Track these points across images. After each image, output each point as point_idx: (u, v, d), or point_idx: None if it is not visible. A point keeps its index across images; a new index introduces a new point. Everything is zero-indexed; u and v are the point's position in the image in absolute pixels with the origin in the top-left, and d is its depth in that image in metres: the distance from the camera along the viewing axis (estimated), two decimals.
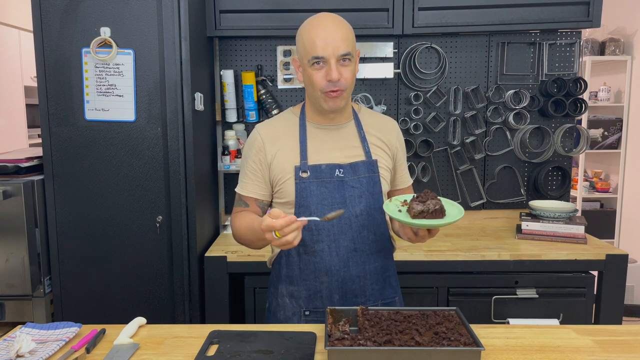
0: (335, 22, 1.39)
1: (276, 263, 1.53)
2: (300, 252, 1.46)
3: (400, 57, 2.57)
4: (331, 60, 1.36)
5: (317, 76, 1.39)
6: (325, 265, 1.45)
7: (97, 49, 2.03)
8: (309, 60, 1.38)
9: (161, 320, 2.12)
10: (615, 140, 4.38)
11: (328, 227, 1.44)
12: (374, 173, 1.48)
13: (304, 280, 1.47)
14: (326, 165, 1.45)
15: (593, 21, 2.37)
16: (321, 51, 1.36)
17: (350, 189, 1.45)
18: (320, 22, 1.40)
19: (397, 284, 1.57)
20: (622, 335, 1.33)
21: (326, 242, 1.44)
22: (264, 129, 1.51)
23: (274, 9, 2.36)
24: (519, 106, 2.57)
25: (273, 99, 2.58)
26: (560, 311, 2.17)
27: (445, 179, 2.66)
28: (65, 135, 2.07)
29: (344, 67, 1.38)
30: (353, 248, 1.45)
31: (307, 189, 1.43)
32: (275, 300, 1.52)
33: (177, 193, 2.11)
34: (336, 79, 1.37)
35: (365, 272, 1.47)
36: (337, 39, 1.36)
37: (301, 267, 1.47)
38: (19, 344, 1.20)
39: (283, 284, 1.50)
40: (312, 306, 1.48)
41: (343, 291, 1.47)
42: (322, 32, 1.37)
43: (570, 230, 2.31)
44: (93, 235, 2.12)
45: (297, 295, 1.48)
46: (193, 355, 1.23)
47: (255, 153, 1.48)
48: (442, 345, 1.15)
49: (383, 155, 1.52)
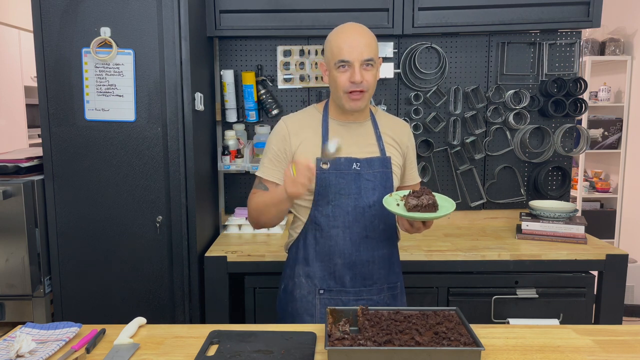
0: (361, 31, 1.55)
1: (293, 246, 1.67)
2: (316, 236, 1.60)
3: (400, 57, 2.57)
4: (355, 63, 1.50)
5: (341, 78, 1.53)
6: (339, 248, 1.59)
7: (97, 49, 2.03)
8: (335, 63, 1.53)
9: (161, 320, 2.12)
10: (615, 140, 4.38)
11: (343, 215, 1.58)
12: (387, 169, 1.62)
13: (320, 261, 1.61)
14: (345, 159, 1.58)
15: (593, 21, 2.37)
16: (347, 55, 1.50)
17: (365, 182, 1.59)
18: (347, 29, 1.55)
19: (399, 270, 1.71)
20: (622, 335, 1.33)
21: (341, 227, 1.58)
22: (290, 121, 1.64)
23: (274, 9, 2.36)
24: (519, 106, 2.57)
25: (273, 99, 2.58)
26: (560, 311, 2.17)
27: (445, 179, 2.66)
28: (65, 135, 2.07)
29: (366, 71, 1.52)
30: (364, 235, 1.59)
31: (327, 179, 1.57)
32: (291, 281, 1.65)
33: (177, 193, 2.11)
34: (359, 81, 1.50)
35: (374, 258, 1.61)
36: (362, 45, 1.51)
37: (317, 249, 1.61)
38: (19, 344, 1.20)
39: (300, 264, 1.64)
40: (326, 285, 1.61)
41: (353, 273, 1.60)
42: (348, 38, 1.52)
43: (570, 230, 2.31)
44: (93, 235, 2.12)
45: (313, 275, 1.62)
46: (193, 355, 1.23)
47: (280, 141, 1.61)
48: (442, 345, 1.15)
49: (395, 153, 1.66)
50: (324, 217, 1.59)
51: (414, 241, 2.33)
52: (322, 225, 1.59)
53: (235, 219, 2.54)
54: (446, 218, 2.68)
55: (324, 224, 1.59)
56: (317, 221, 1.60)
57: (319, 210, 1.59)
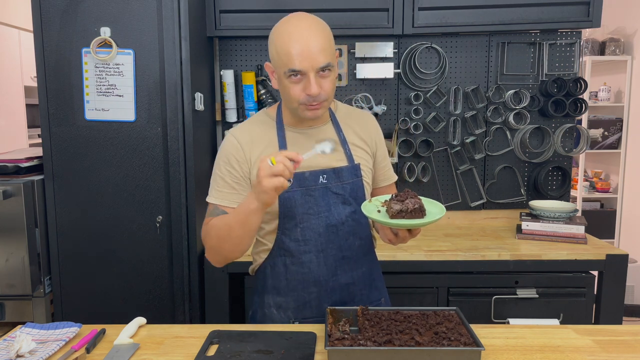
0: (312, 30, 1.27)
1: (260, 272, 1.47)
2: (287, 263, 1.41)
3: (400, 57, 2.57)
4: (310, 73, 1.25)
5: (294, 89, 1.28)
6: (314, 276, 1.40)
7: (97, 49, 2.03)
8: (285, 72, 1.27)
9: (161, 320, 2.12)
10: (615, 140, 4.38)
11: (315, 237, 1.39)
12: (357, 177, 1.42)
13: (292, 290, 1.42)
14: (310, 173, 1.36)
15: (593, 21, 2.37)
16: (298, 64, 1.24)
17: (334, 196, 1.39)
18: (295, 29, 1.27)
19: (382, 284, 1.54)
20: (622, 335, 1.33)
21: (314, 252, 1.39)
22: (239, 133, 1.41)
23: (274, 9, 2.36)
24: (519, 106, 2.57)
25: (273, 98, 2.58)
26: (560, 311, 2.17)
27: (445, 179, 2.66)
28: (65, 135, 2.07)
29: (323, 79, 1.28)
30: (341, 256, 1.41)
31: (292, 198, 1.36)
32: (261, 310, 1.47)
33: (177, 193, 2.11)
34: (316, 94, 1.26)
35: (353, 279, 1.44)
36: (316, 50, 1.24)
37: (288, 277, 1.42)
38: (19, 344, 1.20)
39: (269, 294, 1.45)
40: (302, 316, 1.43)
41: (332, 300, 1.43)
42: (298, 43, 1.25)
43: (570, 230, 2.31)
44: (93, 235, 2.12)
45: (286, 306, 1.43)
46: (193, 355, 1.23)
47: (234, 159, 1.38)
48: (442, 345, 1.15)
49: (363, 156, 1.46)
50: (293, 242, 1.38)
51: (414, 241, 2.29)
52: (292, 251, 1.39)
53: None
54: (446, 218, 2.67)
55: (293, 249, 1.38)
56: (285, 247, 1.39)
57: (287, 235, 1.38)
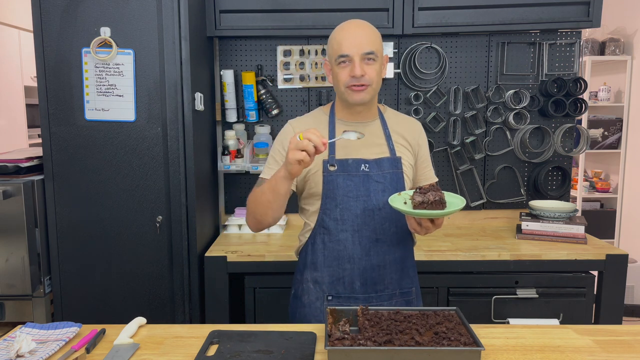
0: (362, 25, 1.52)
1: (302, 251, 1.62)
2: (325, 240, 1.55)
3: (400, 57, 2.57)
4: (355, 57, 1.46)
5: (342, 73, 1.49)
6: (348, 253, 1.54)
7: (97, 49, 2.03)
8: (335, 59, 1.49)
9: (161, 320, 2.12)
10: (615, 140, 4.38)
11: (352, 218, 1.52)
12: (397, 169, 1.57)
13: (328, 266, 1.56)
14: (353, 160, 1.53)
15: (593, 21, 2.37)
16: (346, 49, 1.47)
17: (374, 183, 1.54)
18: (348, 25, 1.52)
19: (414, 274, 1.65)
20: (622, 335, 1.33)
21: (350, 231, 1.53)
22: (296, 124, 1.61)
23: (274, 9, 2.36)
24: (519, 106, 2.57)
25: (273, 99, 2.58)
26: (560, 311, 2.17)
27: (445, 179, 2.66)
28: (65, 135, 2.07)
29: (367, 65, 1.47)
30: (375, 238, 1.54)
31: (334, 181, 1.52)
32: (300, 286, 1.61)
33: (177, 193, 2.11)
34: (359, 75, 1.46)
35: (385, 262, 1.55)
36: (362, 38, 1.47)
37: (325, 254, 1.56)
38: (19, 344, 1.20)
39: (308, 270, 1.59)
40: (335, 291, 1.56)
41: (364, 278, 1.55)
42: (349, 33, 1.49)
43: (570, 230, 2.31)
44: (93, 235, 2.12)
45: (321, 280, 1.57)
46: (193, 355, 1.23)
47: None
48: (442, 345, 1.15)
49: (406, 153, 1.61)
50: (332, 221, 1.53)
51: None
52: (331, 229, 1.54)
53: (235, 219, 2.54)
54: (446, 218, 2.68)
55: (332, 227, 1.54)
56: (325, 225, 1.55)
57: (327, 214, 1.54)
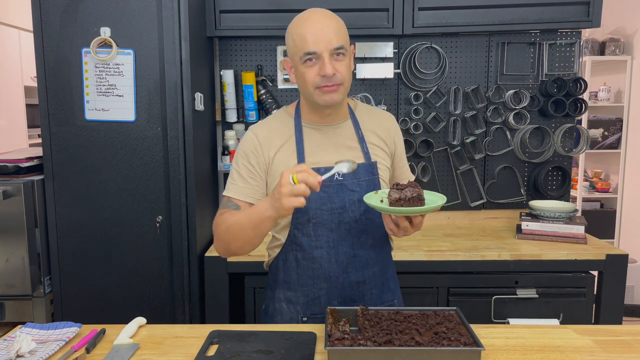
0: (326, 16, 1.33)
1: (273, 267, 1.49)
2: (298, 258, 1.42)
3: (400, 57, 2.57)
4: (324, 54, 1.30)
5: (309, 73, 1.32)
6: (324, 272, 1.41)
7: (97, 49, 2.03)
8: (300, 57, 1.32)
9: (161, 320, 2.12)
10: (615, 140, 4.38)
11: (327, 233, 1.40)
12: (373, 175, 1.43)
13: (302, 286, 1.43)
14: (325, 169, 1.33)
15: (593, 21, 2.37)
16: (312, 46, 1.29)
17: (349, 193, 1.40)
18: (310, 17, 1.33)
19: (395, 286, 1.54)
20: (622, 335, 1.33)
21: (325, 248, 1.40)
22: (259, 130, 1.44)
23: (274, 9, 2.36)
24: (519, 106, 2.57)
25: (273, 99, 2.58)
26: (560, 311, 2.17)
27: (445, 179, 2.66)
28: (65, 135, 2.07)
29: (338, 62, 1.31)
30: (352, 254, 1.42)
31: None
32: (272, 304, 1.49)
33: (177, 193, 2.11)
34: (331, 74, 1.30)
35: (364, 278, 1.44)
36: (329, 32, 1.30)
37: (299, 272, 1.43)
38: (19, 344, 1.20)
39: (280, 288, 1.46)
40: (310, 312, 1.44)
41: (342, 297, 1.44)
42: (313, 26, 1.31)
43: (570, 230, 2.31)
44: (93, 235, 2.12)
45: (295, 300, 1.45)
46: (193, 355, 1.23)
47: (252, 155, 1.41)
48: (442, 345, 1.15)
49: (381, 155, 1.47)
50: (305, 237, 1.40)
51: (414, 241, 2.33)
52: (304, 246, 1.40)
53: None
54: (446, 218, 2.68)
55: (305, 244, 1.40)
56: (297, 242, 1.41)
57: (299, 229, 1.40)
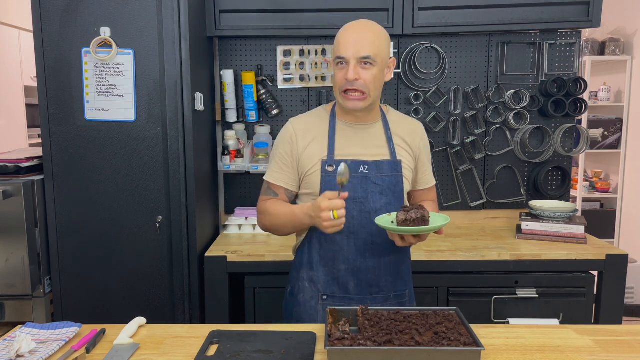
0: (365, 27, 1.48)
1: (299, 250, 1.63)
2: (321, 240, 1.56)
3: (400, 57, 2.57)
4: (351, 60, 1.45)
5: (338, 75, 1.49)
6: (344, 254, 1.55)
7: (97, 49, 2.03)
8: (334, 59, 1.50)
9: (161, 320, 2.12)
10: (615, 140, 4.38)
11: (349, 220, 1.49)
12: (397, 172, 1.56)
13: (324, 266, 1.57)
14: (352, 161, 1.52)
15: (593, 21, 2.37)
16: (343, 51, 1.46)
17: (372, 185, 1.53)
18: (352, 25, 1.50)
19: (409, 278, 1.66)
20: (622, 335, 1.33)
21: (346, 233, 1.53)
22: (297, 123, 1.61)
23: (274, 9, 2.36)
24: (519, 106, 2.57)
25: (273, 99, 2.58)
26: (560, 311, 2.17)
27: (445, 179, 2.66)
28: (65, 135, 2.07)
29: (363, 70, 1.46)
30: (370, 241, 1.54)
31: (332, 182, 1.51)
32: (297, 284, 1.62)
33: (177, 193, 2.11)
34: (351, 79, 1.44)
35: (380, 264, 1.56)
36: (363, 41, 1.45)
37: (321, 253, 1.57)
38: (19, 344, 1.20)
39: (304, 269, 1.60)
40: (330, 291, 1.58)
41: (358, 279, 1.56)
42: (349, 33, 1.47)
43: (570, 230, 2.31)
44: (93, 235, 2.12)
45: (317, 279, 1.58)
46: (193, 355, 1.23)
47: (287, 144, 1.57)
48: (442, 345, 1.15)
49: (406, 156, 1.60)
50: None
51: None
52: None
53: (235, 219, 2.54)
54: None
55: None
56: None
57: None
